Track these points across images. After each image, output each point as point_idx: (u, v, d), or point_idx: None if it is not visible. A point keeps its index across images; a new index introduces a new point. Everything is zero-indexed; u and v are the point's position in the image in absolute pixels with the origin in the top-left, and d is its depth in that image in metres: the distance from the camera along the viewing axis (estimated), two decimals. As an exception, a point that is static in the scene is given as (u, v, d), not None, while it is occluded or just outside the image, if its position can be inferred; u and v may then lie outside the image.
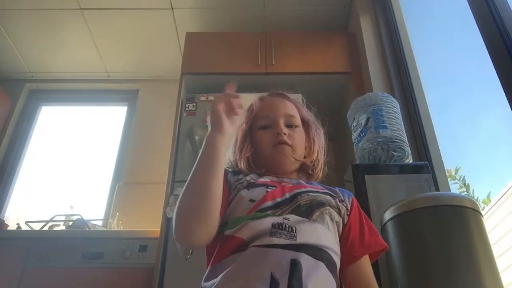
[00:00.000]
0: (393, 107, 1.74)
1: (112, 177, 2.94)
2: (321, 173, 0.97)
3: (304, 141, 0.96)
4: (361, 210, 0.90)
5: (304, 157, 0.94)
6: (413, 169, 1.59)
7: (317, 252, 0.72)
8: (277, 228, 0.72)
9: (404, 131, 1.71)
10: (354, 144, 1.77)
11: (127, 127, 3.15)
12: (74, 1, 2.70)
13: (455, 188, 1.68)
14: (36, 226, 2.38)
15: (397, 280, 1.11)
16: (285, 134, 0.91)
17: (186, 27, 2.80)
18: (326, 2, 2.73)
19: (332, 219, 0.80)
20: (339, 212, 0.84)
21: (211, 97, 2.26)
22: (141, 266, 1.96)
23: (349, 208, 0.87)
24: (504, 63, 1.30)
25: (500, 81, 1.31)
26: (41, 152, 3.14)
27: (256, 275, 0.66)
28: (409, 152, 1.67)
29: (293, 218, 0.75)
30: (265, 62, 2.44)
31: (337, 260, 0.77)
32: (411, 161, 1.69)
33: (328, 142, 1.02)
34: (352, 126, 1.82)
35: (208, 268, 0.76)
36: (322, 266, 0.71)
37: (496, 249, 1.21)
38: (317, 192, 0.85)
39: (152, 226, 2.13)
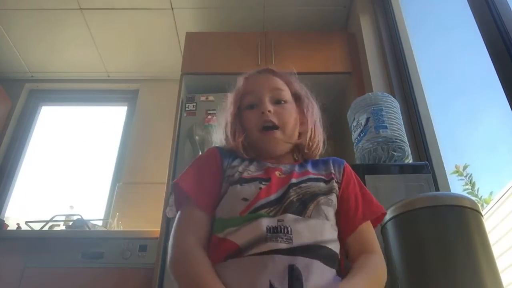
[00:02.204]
0: (393, 107, 1.74)
1: (112, 177, 2.94)
2: (318, 150, 0.90)
3: (296, 117, 0.89)
4: (355, 176, 0.87)
5: (299, 136, 0.88)
6: (413, 169, 1.58)
7: (315, 251, 0.70)
8: (272, 232, 0.69)
9: (404, 131, 1.71)
10: (354, 144, 1.77)
11: (127, 127, 3.15)
12: (74, 1, 2.70)
13: (460, 185, 1.68)
14: (36, 226, 2.38)
15: (397, 280, 1.11)
16: (270, 111, 0.84)
17: (186, 27, 2.80)
18: (326, 2, 2.73)
19: (329, 205, 0.77)
20: (336, 192, 0.81)
21: (211, 97, 2.26)
22: (141, 266, 1.95)
23: (339, 178, 0.83)
24: (504, 62, 1.31)
25: (500, 81, 1.31)
26: (41, 152, 3.14)
27: (254, 284, 0.65)
28: (409, 152, 1.67)
29: (287, 217, 0.72)
30: (265, 62, 2.44)
31: (336, 248, 0.75)
32: (411, 161, 1.69)
33: (324, 118, 0.96)
34: (352, 126, 1.82)
35: None
36: (320, 264, 0.69)
37: (496, 249, 1.21)
38: (310, 180, 0.81)
39: (152, 226, 2.13)
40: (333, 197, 0.80)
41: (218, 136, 0.93)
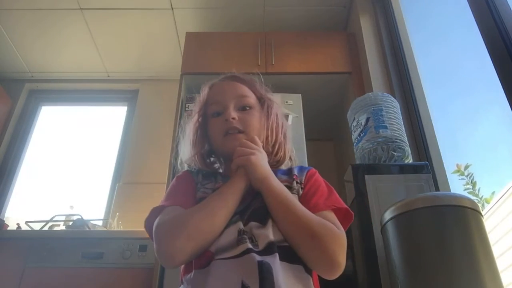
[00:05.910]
0: (393, 107, 1.74)
1: (112, 177, 2.94)
2: (285, 156, 0.89)
3: (261, 122, 0.87)
4: (319, 178, 0.85)
5: (266, 140, 0.86)
6: (413, 169, 1.58)
7: (277, 249, 0.69)
8: (243, 234, 0.70)
9: (404, 131, 1.71)
10: (354, 144, 1.77)
11: (127, 127, 3.15)
12: (74, 1, 2.70)
13: (461, 184, 1.67)
14: (36, 226, 2.38)
15: (397, 280, 1.11)
16: (234, 119, 0.83)
17: (186, 27, 2.81)
18: (326, 2, 2.73)
19: None
20: (296, 192, 0.80)
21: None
22: (141, 266, 1.95)
23: (302, 180, 0.83)
24: (504, 62, 1.31)
25: (500, 81, 1.31)
26: (41, 152, 3.14)
27: (227, 285, 0.65)
28: (409, 152, 1.67)
29: (250, 225, 0.73)
30: (265, 62, 2.44)
31: None
32: (411, 161, 1.69)
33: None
34: (352, 126, 1.82)
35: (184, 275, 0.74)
36: (283, 263, 0.69)
37: (496, 249, 1.21)
38: None
39: (152, 226, 2.13)
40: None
41: (186, 147, 0.94)
